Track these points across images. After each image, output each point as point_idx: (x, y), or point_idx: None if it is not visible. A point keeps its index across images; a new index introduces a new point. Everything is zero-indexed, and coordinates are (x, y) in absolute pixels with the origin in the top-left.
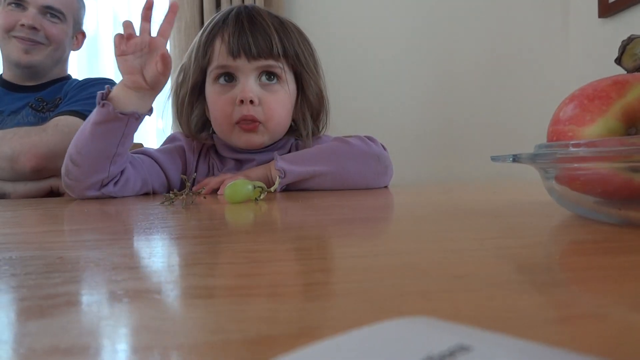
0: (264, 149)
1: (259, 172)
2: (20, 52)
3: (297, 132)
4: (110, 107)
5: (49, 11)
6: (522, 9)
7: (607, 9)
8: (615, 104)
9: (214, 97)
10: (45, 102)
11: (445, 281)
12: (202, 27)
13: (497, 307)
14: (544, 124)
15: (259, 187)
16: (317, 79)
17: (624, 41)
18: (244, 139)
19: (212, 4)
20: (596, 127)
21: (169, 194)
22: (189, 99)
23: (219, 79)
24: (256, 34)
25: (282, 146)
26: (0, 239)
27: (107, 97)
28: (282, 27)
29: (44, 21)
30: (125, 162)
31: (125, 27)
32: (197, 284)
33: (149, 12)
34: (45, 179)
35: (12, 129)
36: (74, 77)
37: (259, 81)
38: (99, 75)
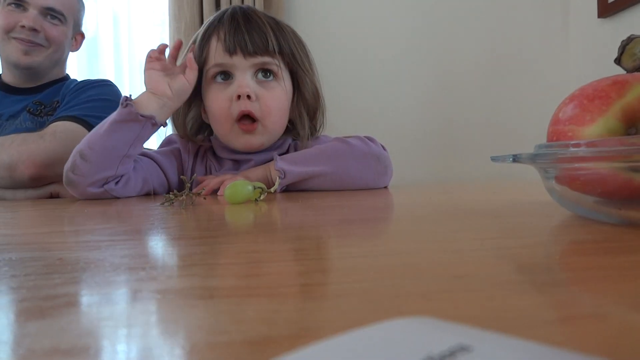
0: (262, 150)
1: (258, 172)
2: (19, 54)
3: (294, 132)
4: (132, 107)
5: (50, 13)
6: (522, 9)
7: (607, 9)
8: (615, 104)
9: (211, 95)
10: (43, 106)
11: (445, 281)
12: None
13: (497, 307)
14: (544, 124)
15: (258, 187)
16: (312, 77)
17: (623, 41)
18: (242, 141)
19: (212, 5)
20: (596, 127)
21: (168, 195)
22: (185, 101)
23: (215, 78)
24: (252, 31)
25: (279, 146)
26: (0, 240)
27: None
28: (278, 26)
29: (45, 23)
30: (131, 166)
31: (159, 50)
32: (197, 284)
33: (177, 52)
34: (45, 185)
35: (10, 135)
36: (73, 78)
37: (256, 78)
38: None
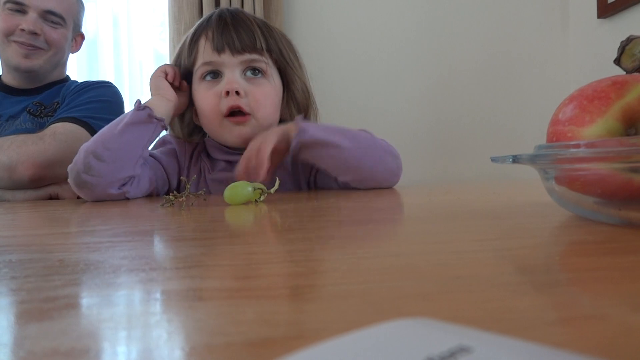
0: None
1: (278, 130)
2: (20, 57)
3: None
4: (150, 110)
5: (50, 15)
6: (522, 10)
7: (606, 10)
8: (614, 105)
9: (200, 93)
10: (43, 107)
11: (445, 282)
12: None
13: (497, 308)
14: (543, 125)
15: (258, 188)
16: (301, 75)
17: (622, 42)
18: (235, 133)
19: (212, 6)
20: (596, 128)
21: (168, 196)
22: None
23: (205, 77)
24: (239, 29)
25: None
26: (0, 242)
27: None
28: (265, 26)
29: (45, 26)
30: (140, 167)
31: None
32: (197, 286)
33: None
34: (44, 187)
35: (9, 137)
36: (74, 79)
37: (244, 76)
38: (98, 77)
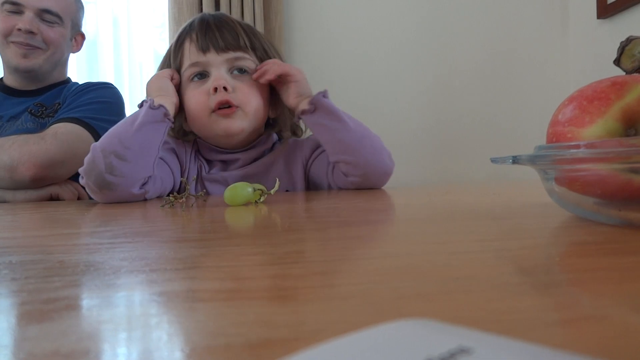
0: (247, 147)
1: (303, 78)
2: (18, 57)
3: (277, 128)
4: (164, 109)
5: (46, 15)
6: (521, 10)
7: (606, 10)
8: (614, 105)
9: (189, 93)
10: (44, 107)
11: (445, 283)
12: None
13: (497, 309)
14: (543, 125)
15: (259, 189)
16: None
17: (622, 42)
18: (223, 126)
19: (212, 7)
20: (595, 128)
21: (168, 197)
22: None
23: (192, 79)
24: (223, 29)
25: (264, 142)
26: (0, 243)
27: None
28: (249, 27)
29: (41, 25)
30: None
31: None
32: (197, 287)
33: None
34: (45, 187)
35: (10, 136)
36: (74, 80)
37: (231, 74)
38: (98, 78)
